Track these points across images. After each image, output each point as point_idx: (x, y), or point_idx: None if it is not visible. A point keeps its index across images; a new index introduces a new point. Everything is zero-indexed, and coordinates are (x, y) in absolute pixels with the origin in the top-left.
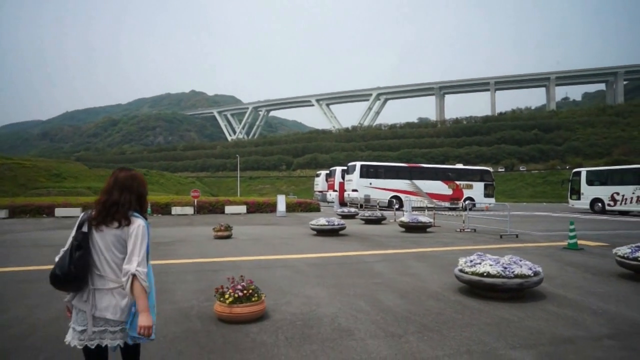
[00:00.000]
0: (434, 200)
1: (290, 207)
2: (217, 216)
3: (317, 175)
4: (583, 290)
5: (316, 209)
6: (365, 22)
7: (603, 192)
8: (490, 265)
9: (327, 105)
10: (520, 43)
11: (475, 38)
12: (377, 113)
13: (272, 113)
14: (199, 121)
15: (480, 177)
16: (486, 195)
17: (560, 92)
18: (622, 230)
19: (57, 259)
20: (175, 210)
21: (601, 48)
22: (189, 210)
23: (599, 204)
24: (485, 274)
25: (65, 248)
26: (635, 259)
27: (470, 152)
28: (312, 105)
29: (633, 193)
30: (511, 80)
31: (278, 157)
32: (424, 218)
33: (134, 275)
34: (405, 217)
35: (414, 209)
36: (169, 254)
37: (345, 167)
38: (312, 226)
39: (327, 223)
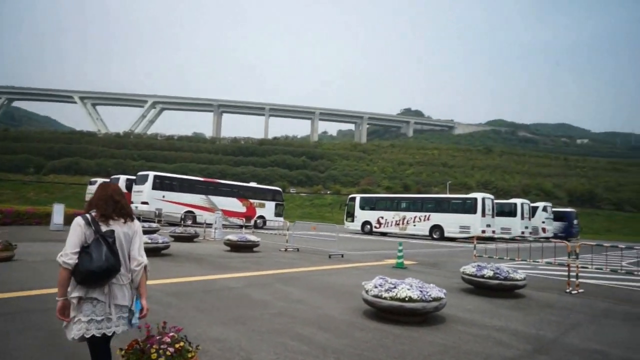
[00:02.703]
0: (228, 218)
1: (66, 219)
2: None
3: (91, 183)
4: (460, 308)
5: None
6: (146, 22)
7: (372, 216)
8: (408, 289)
9: (93, 105)
10: (297, 77)
11: (262, 64)
12: (152, 122)
13: (15, 103)
14: None
15: (272, 196)
16: (277, 214)
17: (322, 126)
18: (391, 251)
19: (71, 260)
20: None
21: (350, 97)
22: None
23: (368, 226)
24: (407, 298)
25: (76, 250)
26: (482, 276)
27: (246, 172)
28: (75, 102)
29: (393, 218)
30: (285, 110)
31: (25, 157)
32: (252, 237)
33: (145, 266)
34: (232, 236)
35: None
36: None
37: (130, 177)
38: None
39: (150, 241)
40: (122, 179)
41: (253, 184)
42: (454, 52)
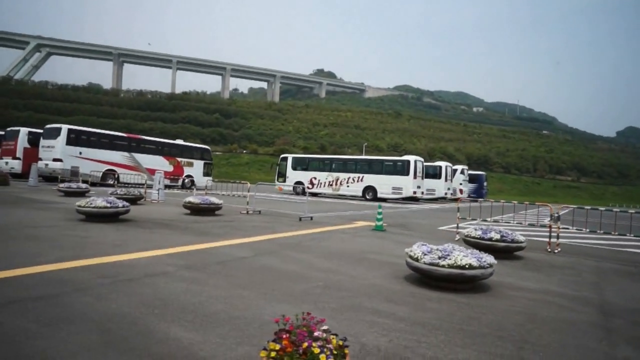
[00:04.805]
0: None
1: None
2: None
3: None
4: None
5: (3, 181)
6: None
7: (304, 176)
8: (465, 256)
9: None
10: (205, 29)
11: (161, 14)
12: (37, 67)
13: None
14: None
15: (201, 155)
16: (205, 174)
17: (232, 83)
18: (351, 212)
19: None
20: None
21: (265, 53)
22: None
23: (301, 187)
24: (467, 265)
25: None
26: (489, 239)
27: (154, 128)
28: None
29: (326, 179)
30: (193, 63)
31: None
32: (215, 199)
33: None
34: (193, 198)
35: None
36: None
37: (34, 130)
38: (80, 208)
39: (109, 204)
40: (23, 132)
41: (180, 142)
42: (365, 15)
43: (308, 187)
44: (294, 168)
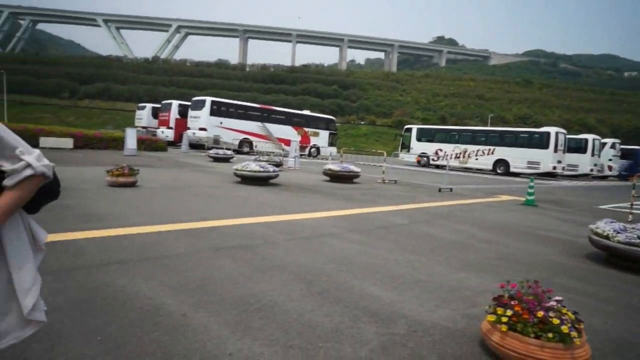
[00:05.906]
0: (284, 146)
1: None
2: None
3: (140, 108)
4: None
5: (162, 148)
6: None
7: (429, 148)
8: None
9: (117, 29)
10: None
11: None
12: (177, 47)
13: (40, 26)
14: None
15: (326, 125)
16: (330, 144)
17: (349, 54)
18: (487, 185)
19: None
20: None
21: (382, 22)
22: None
23: (425, 158)
24: None
25: None
26: None
27: (277, 100)
28: (98, 25)
29: (453, 150)
30: (312, 36)
31: (58, 82)
32: (354, 167)
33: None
34: (333, 165)
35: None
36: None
37: (183, 102)
38: (237, 172)
39: (261, 169)
40: (175, 104)
41: (307, 112)
42: None
43: (433, 159)
44: (419, 139)
